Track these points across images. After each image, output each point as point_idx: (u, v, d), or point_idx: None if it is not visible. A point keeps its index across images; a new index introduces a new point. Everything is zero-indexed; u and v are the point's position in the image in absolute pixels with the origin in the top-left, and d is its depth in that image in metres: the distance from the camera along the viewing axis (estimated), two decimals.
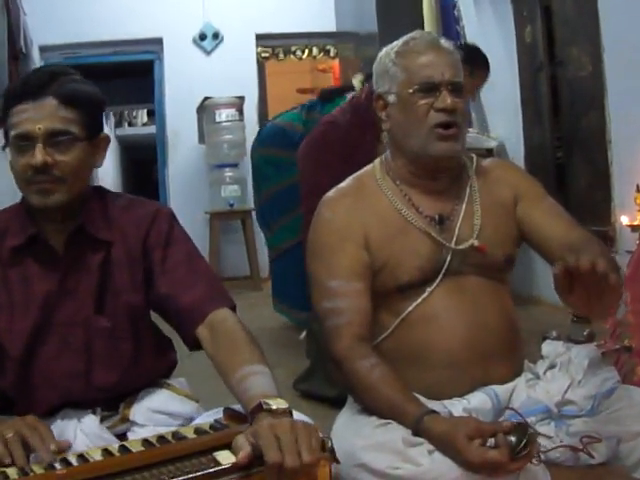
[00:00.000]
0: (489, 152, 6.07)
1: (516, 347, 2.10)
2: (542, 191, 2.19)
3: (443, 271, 2.03)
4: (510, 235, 2.13)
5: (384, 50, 2.14)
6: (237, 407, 1.70)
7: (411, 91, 2.03)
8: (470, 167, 2.17)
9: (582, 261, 1.64)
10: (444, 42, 2.10)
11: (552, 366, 2.08)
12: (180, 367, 2.15)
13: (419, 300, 2.02)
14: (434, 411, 1.81)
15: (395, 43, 2.12)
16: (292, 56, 9.39)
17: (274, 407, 1.55)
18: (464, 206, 2.10)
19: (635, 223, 4.33)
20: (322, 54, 9.92)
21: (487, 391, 1.98)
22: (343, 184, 2.19)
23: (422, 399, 1.89)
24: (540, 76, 5.88)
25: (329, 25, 8.48)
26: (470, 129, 6.00)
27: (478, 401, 1.96)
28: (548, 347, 2.15)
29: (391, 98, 2.08)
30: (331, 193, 2.17)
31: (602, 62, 4.99)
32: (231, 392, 1.71)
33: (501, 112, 6.17)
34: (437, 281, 2.03)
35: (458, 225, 2.08)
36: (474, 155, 2.22)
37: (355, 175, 2.21)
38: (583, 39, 5.25)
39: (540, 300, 5.83)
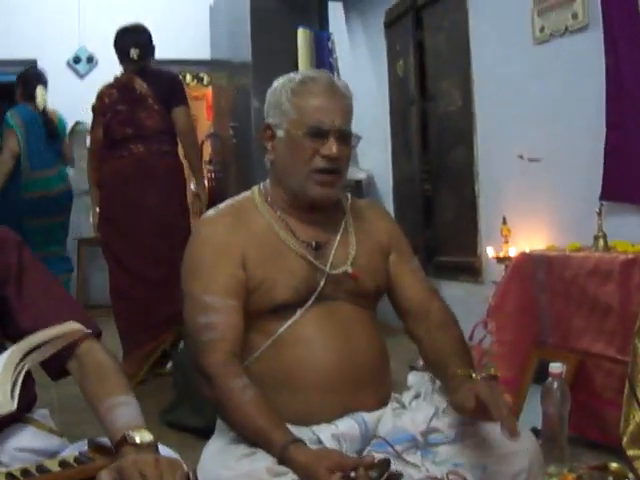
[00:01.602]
0: (358, 184, 6.14)
1: (384, 374, 2.13)
2: (411, 252, 2.29)
3: (316, 294, 2.05)
4: (382, 269, 2.19)
5: (281, 81, 2.15)
6: (102, 439, 1.65)
7: (300, 133, 2.04)
8: (345, 203, 2.23)
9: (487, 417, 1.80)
10: (341, 86, 2.12)
11: (417, 395, 2.12)
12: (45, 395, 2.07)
13: (290, 322, 2.03)
14: (300, 440, 1.80)
15: (293, 76, 2.13)
16: None
17: (138, 441, 1.52)
18: (339, 236, 2.15)
19: (501, 255, 4.43)
20: (195, 82, 9.92)
21: (356, 417, 1.99)
22: (222, 205, 2.19)
23: (291, 425, 1.88)
24: (411, 110, 5.98)
25: (204, 53, 8.44)
26: None
27: (346, 427, 1.96)
28: (414, 377, 2.20)
29: (280, 132, 2.10)
30: (210, 212, 2.18)
31: (472, 97, 5.12)
32: (100, 425, 1.66)
33: (371, 145, 6.24)
34: (309, 303, 2.04)
35: (333, 252, 2.11)
36: (349, 194, 2.29)
37: (233, 199, 2.22)
38: (454, 74, 5.39)
39: None
